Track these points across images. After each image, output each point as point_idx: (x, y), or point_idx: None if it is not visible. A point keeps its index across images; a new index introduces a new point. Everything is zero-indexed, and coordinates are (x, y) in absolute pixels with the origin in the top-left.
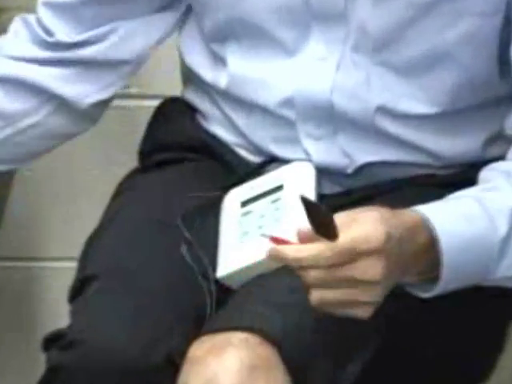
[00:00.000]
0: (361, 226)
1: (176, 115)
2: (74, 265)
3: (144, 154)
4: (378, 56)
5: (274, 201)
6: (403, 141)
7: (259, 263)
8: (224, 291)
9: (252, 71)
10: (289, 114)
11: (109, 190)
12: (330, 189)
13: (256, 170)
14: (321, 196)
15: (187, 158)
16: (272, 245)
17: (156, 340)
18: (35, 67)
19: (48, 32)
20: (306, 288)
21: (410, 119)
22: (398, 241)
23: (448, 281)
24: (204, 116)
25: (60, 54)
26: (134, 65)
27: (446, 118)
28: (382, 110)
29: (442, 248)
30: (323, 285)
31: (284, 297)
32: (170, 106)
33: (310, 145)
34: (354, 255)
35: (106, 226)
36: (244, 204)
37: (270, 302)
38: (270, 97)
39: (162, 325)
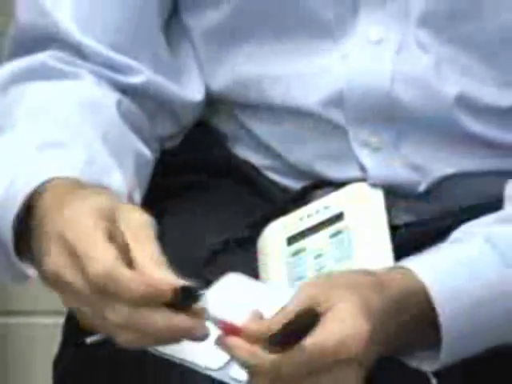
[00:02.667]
0: (338, 326)
1: (191, 131)
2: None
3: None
4: (451, 29)
5: (334, 234)
6: (490, 142)
7: None
8: None
9: (279, 62)
10: (336, 116)
11: None
12: (398, 218)
13: (298, 197)
14: (391, 227)
15: (206, 182)
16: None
17: None
18: None
19: None
20: None
21: (492, 113)
22: (383, 332)
23: (451, 354)
24: (223, 135)
25: None
26: None
27: None
28: (462, 102)
29: (439, 320)
30: None
31: None
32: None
33: (366, 157)
34: (326, 364)
35: None
36: (291, 240)
37: None
38: (309, 96)
39: None
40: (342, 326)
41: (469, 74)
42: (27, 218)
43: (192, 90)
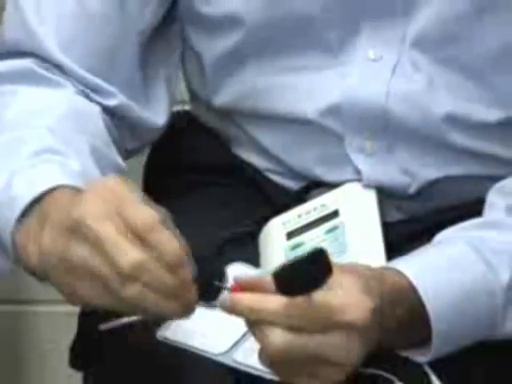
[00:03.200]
0: (343, 293)
1: (192, 132)
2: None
3: (153, 178)
4: (443, 51)
5: (330, 230)
6: (472, 152)
7: None
8: None
9: (285, 77)
10: (334, 125)
11: None
12: (390, 216)
13: (297, 197)
14: (383, 224)
15: (211, 182)
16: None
17: None
18: None
19: None
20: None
21: (480, 128)
22: (381, 314)
23: (443, 343)
24: (226, 139)
25: None
26: None
27: None
28: (450, 119)
29: (429, 313)
30: (287, 350)
31: None
32: (183, 121)
33: (361, 161)
34: (327, 325)
35: None
36: (290, 235)
37: None
38: (310, 106)
39: None
40: (348, 294)
41: (458, 92)
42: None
43: (159, 116)
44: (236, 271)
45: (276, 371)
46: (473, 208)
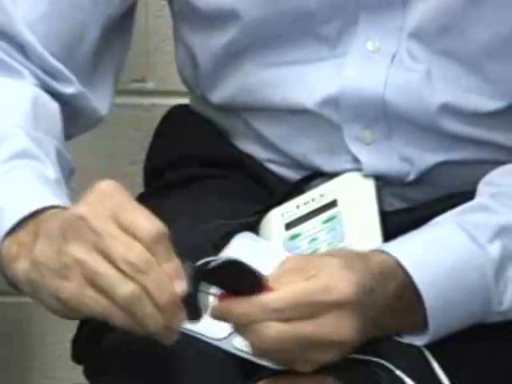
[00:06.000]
0: (324, 274)
1: (191, 125)
2: None
3: (153, 171)
4: (441, 42)
5: (328, 220)
6: (471, 138)
7: None
8: None
9: (283, 70)
10: (332, 115)
11: None
12: (390, 204)
13: (296, 188)
14: (382, 214)
15: (210, 174)
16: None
17: None
18: None
19: None
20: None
21: (478, 117)
22: (369, 289)
23: (439, 324)
24: (225, 131)
25: None
26: None
27: None
28: (447, 109)
29: (419, 288)
30: (280, 341)
31: None
32: (182, 115)
33: (359, 150)
34: (315, 308)
35: None
36: (289, 226)
37: None
38: (308, 96)
39: None
40: (329, 274)
41: (456, 84)
42: None
43: (104, 105)
44: (241, 242)
45: (273, 360)
46: (471, 196)
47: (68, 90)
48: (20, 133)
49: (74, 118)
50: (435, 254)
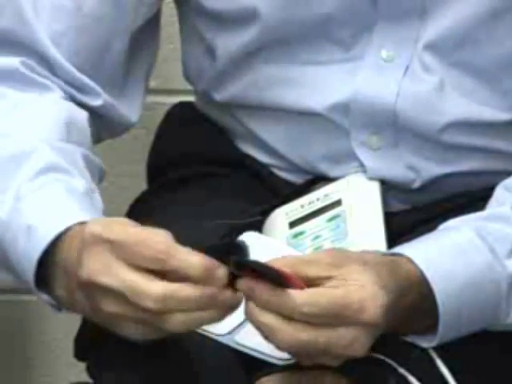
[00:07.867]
0: (359, 288)
1: (194, 123)
2: None
3: (156, 169)
4: (457, 54)
5: (332, 218)
6: (479, 149)
7: None
8: None
9: (295, 71)
10: (341, 120)
11: (115, 209)
12: (393, 206)
13: (301, 189)
14: (386, 214)
15: (213, 173)
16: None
17: None
18: None
19: None
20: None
21: (489, 128)
22: (393, 308)
23: (448, 331)
24: (232, 134)
25: None
26: None
27: None
28: (458, 122)
29: (438, 304)
30: (297, 346)
31: None
32: (184, 113)
33: (365, 155)
34: (340, 320)
35: None
36: (293, 224)
37: None
38: (318, 100)
39: None
40: (363, 290)
41: (471, 96)
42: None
43: (134, 113)
44: (248, 240)
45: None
46: (476, 196)
47: (95, 102)
48: (44, 147)
49: (103, 126)
50: (456, 265)
